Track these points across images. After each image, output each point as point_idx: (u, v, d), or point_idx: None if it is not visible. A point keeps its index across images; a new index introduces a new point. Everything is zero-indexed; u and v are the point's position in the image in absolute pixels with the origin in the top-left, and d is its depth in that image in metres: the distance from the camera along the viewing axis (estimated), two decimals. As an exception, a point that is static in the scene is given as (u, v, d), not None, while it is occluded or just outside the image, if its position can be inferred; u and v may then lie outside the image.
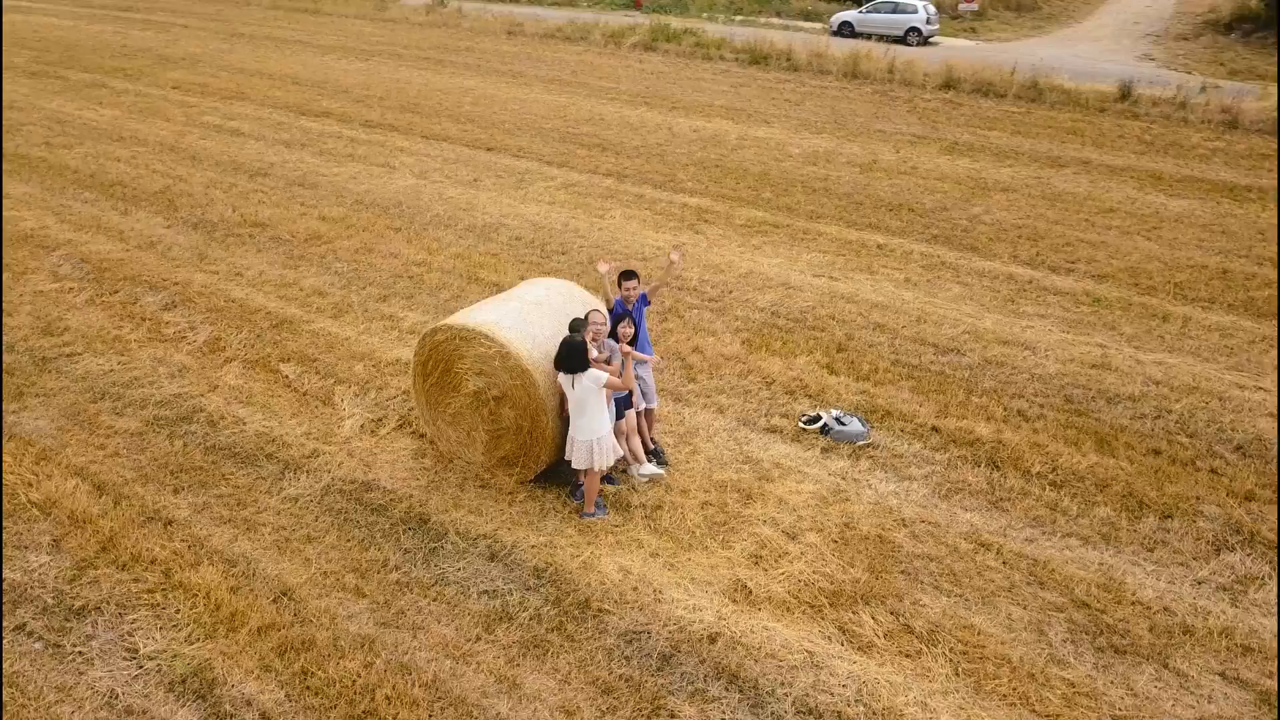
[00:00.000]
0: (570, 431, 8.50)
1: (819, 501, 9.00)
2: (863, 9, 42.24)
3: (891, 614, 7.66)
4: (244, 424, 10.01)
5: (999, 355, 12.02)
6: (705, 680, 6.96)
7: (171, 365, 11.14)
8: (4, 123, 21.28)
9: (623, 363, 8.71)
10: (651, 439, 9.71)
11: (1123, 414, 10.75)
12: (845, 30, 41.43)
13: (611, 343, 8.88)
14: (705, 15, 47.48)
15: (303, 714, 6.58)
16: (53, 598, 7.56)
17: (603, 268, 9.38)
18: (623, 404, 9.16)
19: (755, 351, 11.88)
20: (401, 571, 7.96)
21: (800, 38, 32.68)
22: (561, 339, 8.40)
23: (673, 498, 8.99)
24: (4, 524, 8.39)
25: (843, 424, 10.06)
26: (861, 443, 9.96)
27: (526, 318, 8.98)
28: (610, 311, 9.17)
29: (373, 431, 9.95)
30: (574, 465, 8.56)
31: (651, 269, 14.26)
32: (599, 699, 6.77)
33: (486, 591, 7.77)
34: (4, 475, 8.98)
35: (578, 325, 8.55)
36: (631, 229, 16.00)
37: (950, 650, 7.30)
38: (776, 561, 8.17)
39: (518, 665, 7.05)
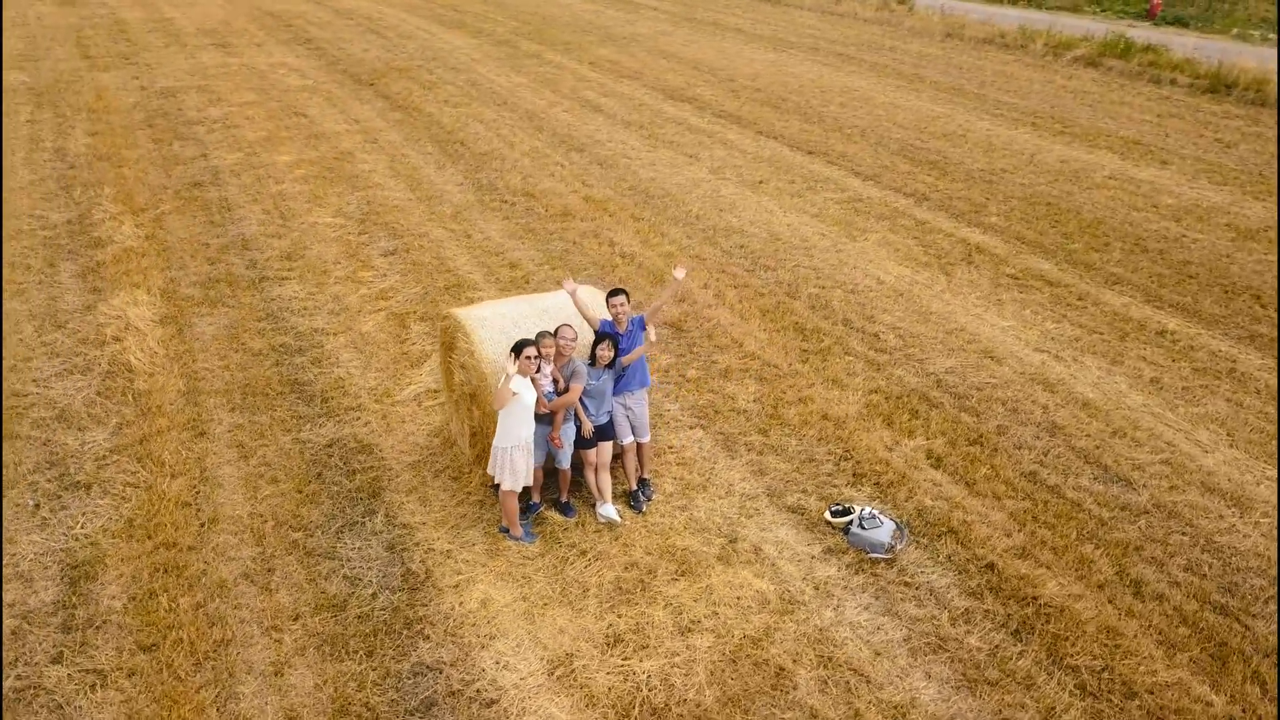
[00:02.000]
0: None
1: (756, 604, 7.60)
2: None
3: (695, 759, 6.31)
4: (336, 367, 10.97)
5: (1185, 503, 8.98)
6: (435, 743, 6.37)
7: (339, 304, 12.51)
8: (433, 79, 24.98)
9: (566, 388, 8.08)
10: (642, 477, 8.90)
11: (1295, 632, 7.50)
12: None
13: (578, 363, 8.25)
14: (1235, 32, 39.97)
15: (115, 629, 7.24)
16: (74, 469, 9.08)
17: (568, 286, 8.65)
18: (597, 436, 8.51)
19: (868, 419, 10.18)
20: (307, 533, 8.29)
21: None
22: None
23: (608, 548, 8.20)
24: (106, 399, 10.19)
25: (864, 528, 8.30)
26: (876, 555, 8.16)
27: (520, 323, 8.67)
28: (595, 332, 8.49)
29: (420, 402, 10.33)
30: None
31: (850, 306, 12.81)
32: (328, 716, 6.53)
33: (350, 578, 7.81)
34: (137, 356, 10.85)
35: (540, 335, 8.08)
36: (873, 256, 14.40)
37: (715, 829, 5.84)
38: (633, 652, 7.11)
39: (301, 655, 7.05)
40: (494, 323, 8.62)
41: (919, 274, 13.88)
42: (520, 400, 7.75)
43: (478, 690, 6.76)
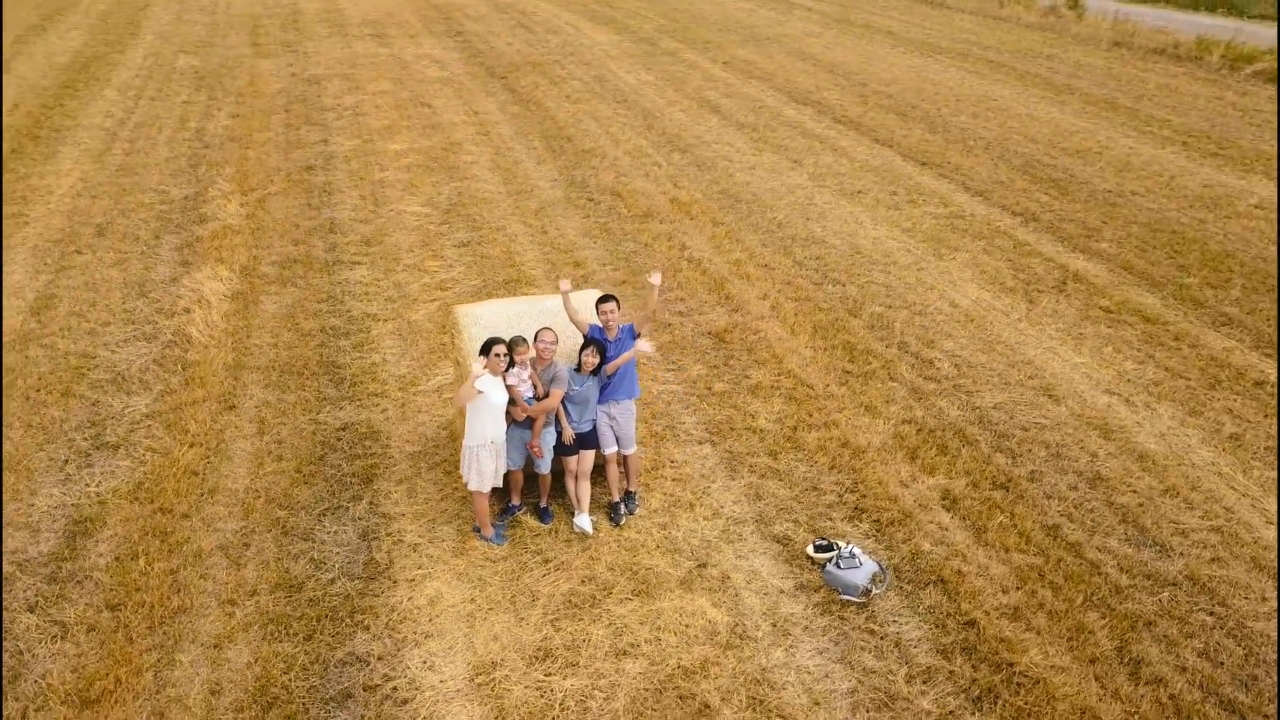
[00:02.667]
0: None
1: (703, 636, 7.32)
2: None
3: (584, 788, 6.12)
4: (374, 353, 11.30)
5: (1224, 579, 8.03)
6: (338, 734, 6.45)
7: (399, 291, 12.87)
8: (563, 74, 25.31)
9: (546, 394, 8.01)
10: (628, 489, 8.72)
11: (1310, 742, 6.55)
12: None
13: (561, 368, 8.15)
14: None
15: (93, 586, 7.71)
16: (110, 430, 9.72)
17: (564, 285, 8.48)
18: (579, 444, 8.40)
19: (890, 451, 9.62)
20: (291, 512, 8.56)
21: None
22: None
23: (573, 559, 8.09)
24: (160, 367, 10.86)
25: (839, 567, 7.84)
26: (848, 597, 7.69)
27: (515, 322, 8.66)
28: (585, 337, 8.37)
29: (441, 393, 10.49)
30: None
31: (912, 328, 12.16)
32: (250, 698, 6.73)
33: (317, 560, 8.02)
34: (199, 328, 11.50)
35: (516, 341, 8.04)
36: (955, 277, 13.58)
37: None
38: (560, 668, 6.98)
39: (245, 631, 7.29)
40: (489, 321, 8.63)
41: (999, 299, 12.98)
42: (487, 400, 7.72)
43: (394, 688, 6.79)
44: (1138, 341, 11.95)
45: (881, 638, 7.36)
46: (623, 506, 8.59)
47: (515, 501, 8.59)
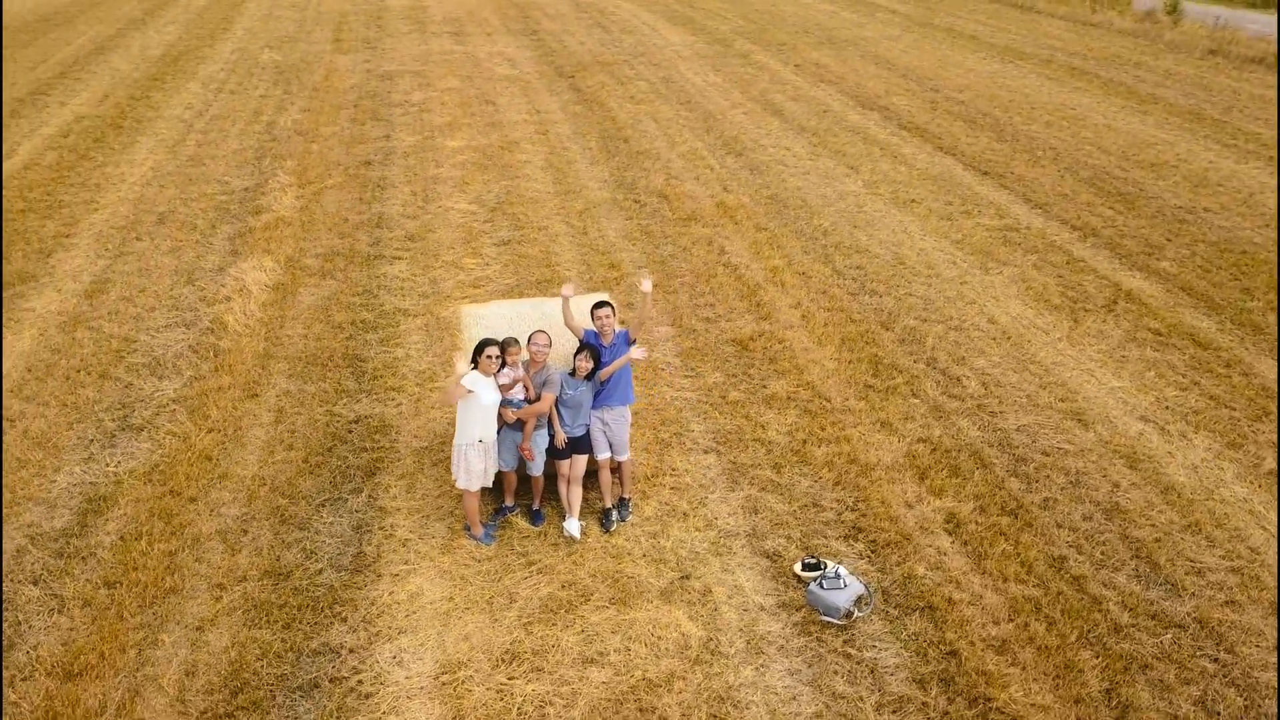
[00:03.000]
0: None
1: (674, 648, 7.25)
2: None
3: (528, 795, 6.12)
4: (399, 348, 11.50)
5: (1237, 624, 7.62)
6: (298, 723, 6.59)
7: (434, 288, 13.07)
8: (631, 74, 25.35)
9: (538, 398, 8.05)
10: (622, 496, 8.71)
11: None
12: None
13: (553, 372, 8.18)
14: None
15: (95, 563, 8.02)
16: (138, 413, 10.10)
17: (567, 290, 8.45)
18: (571, 448, 8.40)
19: (900, 470, 9.39)
20: (292, 501, 8.78)
21: None
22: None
23: (557, 563, 8.10)
24: (194, 353, 11.24)
25: (823, 587, 7.67)
26: (829, 619, 7.53)
27: (515, 323, 8.72)
28: (580, 341, 8.37)
29: (456, 390, 10.60)
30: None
31: (944, 344, 11.84)
32: (221, 681, 6.92)
33: (308, 550, 8.20)
34: (236, 317, 11.87)
35: (508, 341, 8.09)
36: (999, 293, 13.16)
37: None
38: (524, 673, 7.01)
39: (229, 616, 7.49)
40: (490, 321, 8.69)
41: (1041, 317, 12.53)
42: (477, 400, 7.79)
43: (360, 681, 6.90)
44: (1184, 367, 11.40)
45: (857, 662, 7.17)
46: (615, 513, 8.56)
47: (508, 503, 8.65)
